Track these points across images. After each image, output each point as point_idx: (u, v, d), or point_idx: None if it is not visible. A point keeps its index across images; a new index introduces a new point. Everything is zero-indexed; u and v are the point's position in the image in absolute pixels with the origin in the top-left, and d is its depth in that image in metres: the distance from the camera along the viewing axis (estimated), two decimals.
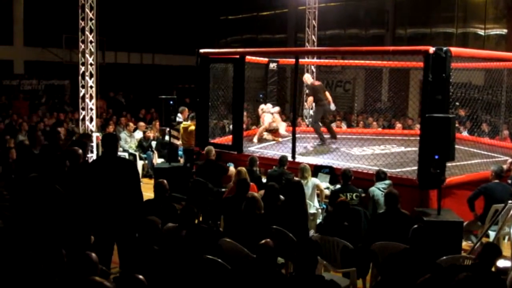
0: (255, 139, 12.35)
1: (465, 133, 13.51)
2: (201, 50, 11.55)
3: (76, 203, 6.06)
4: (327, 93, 12.32)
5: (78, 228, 5.95)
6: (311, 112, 12.59)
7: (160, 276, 4.93)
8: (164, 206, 6.72)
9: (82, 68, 12.93)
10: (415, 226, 5.43)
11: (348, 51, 13.63)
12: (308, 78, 12.75)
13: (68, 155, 6.83)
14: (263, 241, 4.89)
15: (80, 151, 6.87)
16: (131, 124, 15.03)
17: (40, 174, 6.28)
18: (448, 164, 7.63)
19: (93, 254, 4.27)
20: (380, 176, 8.17)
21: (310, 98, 12.49)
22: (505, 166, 8.89)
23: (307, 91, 13.60)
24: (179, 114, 12.79)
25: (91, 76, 12.95)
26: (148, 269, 4.95)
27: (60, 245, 4.52)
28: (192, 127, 12.03)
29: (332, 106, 12.13)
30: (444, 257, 5.74)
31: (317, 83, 12.64)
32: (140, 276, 4.00)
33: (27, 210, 5.83)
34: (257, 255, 4.87)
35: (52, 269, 4.22)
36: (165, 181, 6.97)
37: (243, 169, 8.35)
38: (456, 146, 7.33)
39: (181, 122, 12.26)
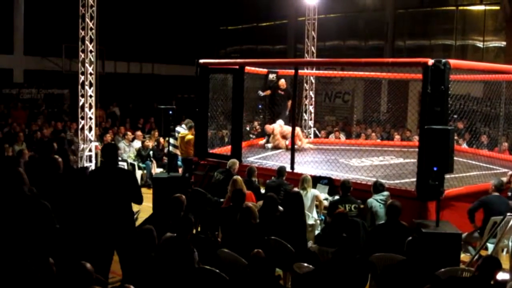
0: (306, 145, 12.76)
1: (464, 145, 13.51)
2: (201, 60, 11.56)
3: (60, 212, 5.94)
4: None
5: (70, 238, 5.89)
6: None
7: (158, 286, 4.92)
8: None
9: (82, 78, 12.93)
10: (409, 238, 5.43)
11: (348, 62, 13.67)
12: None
13: (49, 163, 6.66)
14: (253, 252, 4.89)
15: (60, 159, 6.68)
16: (129, 133, 15.02)
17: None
18: (447, 176, 7.63)
19: (88, 264, 4.25)
20: (377, 187, 8.15)
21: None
22: (505, 179, 8.89)
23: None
24: (183, 125, 12.78)
25: (90, 85, 12.95)
26: (146, 279, 4.93)
27: (47, 255, 4.48)
28: (189, 137, 12.03)
29: None
30: (443, 269, 5.72)
31: None
32: (131, 287, 4.00)
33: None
34: (250, 266, 4.86)
35: (42, 279, 4.18)
36: (183, 196, 6.73)
37: (239, 178, 8.34)
38: (455, 158, 7.32)
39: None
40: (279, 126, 12.81)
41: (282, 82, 13.38)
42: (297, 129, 13.03)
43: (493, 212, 7.85)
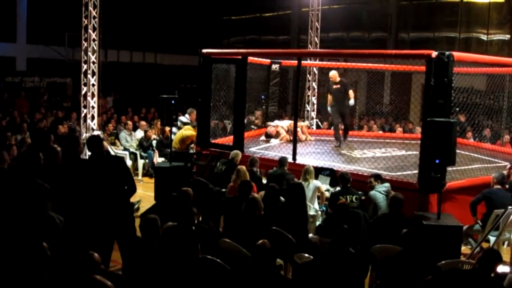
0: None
1: (471, 139, 13.46)
2: (204, 50, 11.55)
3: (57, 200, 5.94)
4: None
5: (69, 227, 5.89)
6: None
7: (159, 276, 4.94)
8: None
9: (85, 66, 12.93)
10: (405, 230, 5.44)
11: (351, 53, 13.63)
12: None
13: (47, 152, 6.54)
14: (259, 242, 4.89)
15: (59, 149, 6.64)
16: (129, 122, 14.99)
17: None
18: (449, 168, 7.63)
19: (96, 254, 4.27)
20: (376, 178, 8.22)
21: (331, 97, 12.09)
22: (504, 172, 8.90)
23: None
24: (186, 115, 12.73)
25: (93, 74, 12.95)
26: (148, 268, 4.95)
27: (41, 240, 4.47)
28: (186, 133, 11.83)
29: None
30: (443, 262, 5.74)
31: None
32: (120, 272, 4.02)
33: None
34: (254, 256, 4.87)
35: (37, 265, 4.17)
36: (190, 190, 6.78)
37: (243, 167, 8.33)
38: (457, 151, 7.32)
39: (188, 124, 12.20)
40: (280, 127, 12.79)
41: (332, 74, 12.04)
42: (302, 124, 13.04)
43: (496, 205, 7.87)
